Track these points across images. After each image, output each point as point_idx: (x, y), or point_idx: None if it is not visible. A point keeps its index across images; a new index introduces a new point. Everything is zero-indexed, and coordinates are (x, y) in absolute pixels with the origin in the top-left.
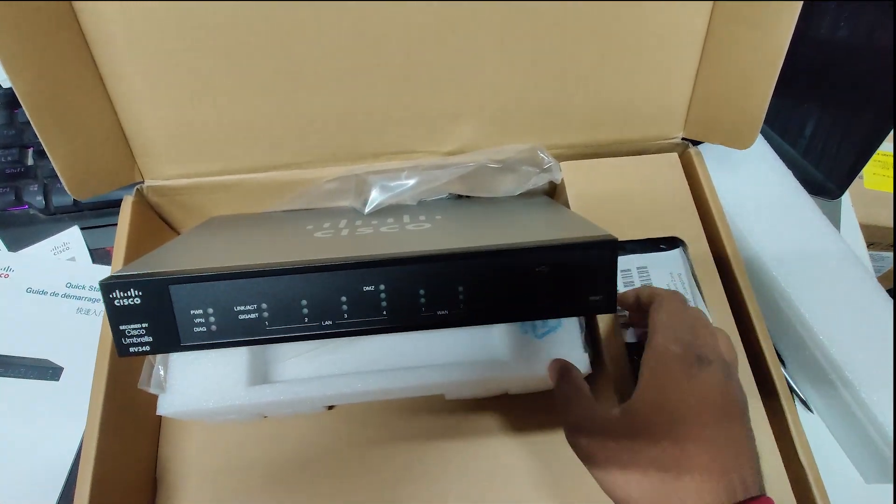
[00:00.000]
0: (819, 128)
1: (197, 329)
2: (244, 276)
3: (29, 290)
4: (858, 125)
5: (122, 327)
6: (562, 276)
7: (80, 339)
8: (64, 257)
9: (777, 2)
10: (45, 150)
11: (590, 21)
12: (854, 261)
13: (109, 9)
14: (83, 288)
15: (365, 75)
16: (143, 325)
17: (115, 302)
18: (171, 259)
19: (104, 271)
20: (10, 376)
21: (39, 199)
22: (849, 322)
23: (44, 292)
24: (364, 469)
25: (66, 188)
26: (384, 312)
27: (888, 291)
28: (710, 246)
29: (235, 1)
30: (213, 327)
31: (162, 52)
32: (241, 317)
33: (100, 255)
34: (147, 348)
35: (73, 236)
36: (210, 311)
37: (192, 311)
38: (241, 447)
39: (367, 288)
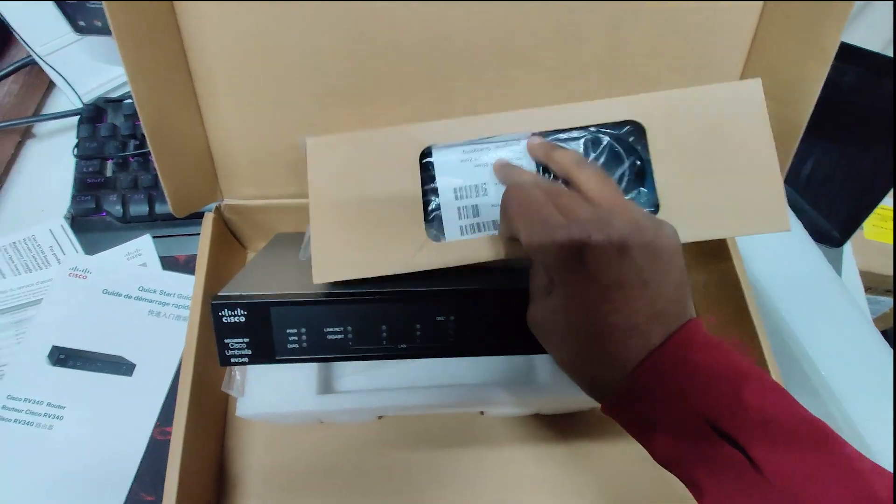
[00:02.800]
0: (827, 181)
1: (290, 345)
2: (335, 302)
3: (105, 292)
4: (862, 181)
5: (226, 340)
6: None
7: (151, 338)
8: (136, 263)
9: (800, 79)
10: (158, 174)
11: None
12: (852, 304)
13: (213, 46)
14: (154, 292)
15: (434, 109)
16: (245, 339)
17: (223, 319)
18: (265, 280)
19: (173, 277)
20: (88, 370)
21: (118, 209)
22: (846, 360)
23: (118, 294)
24: (406, 472)
25: (170, 207)
26: (452, 339)
27: (884, 332)
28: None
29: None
30: (304, 344)
31: (253, 87)
32: (329, 337)
33: (168, 263)
34: (245, 360)
35: (144, 244)
36: (303, 330)
37: (287, 330)
38: (296, 446)
39: (440, 318)
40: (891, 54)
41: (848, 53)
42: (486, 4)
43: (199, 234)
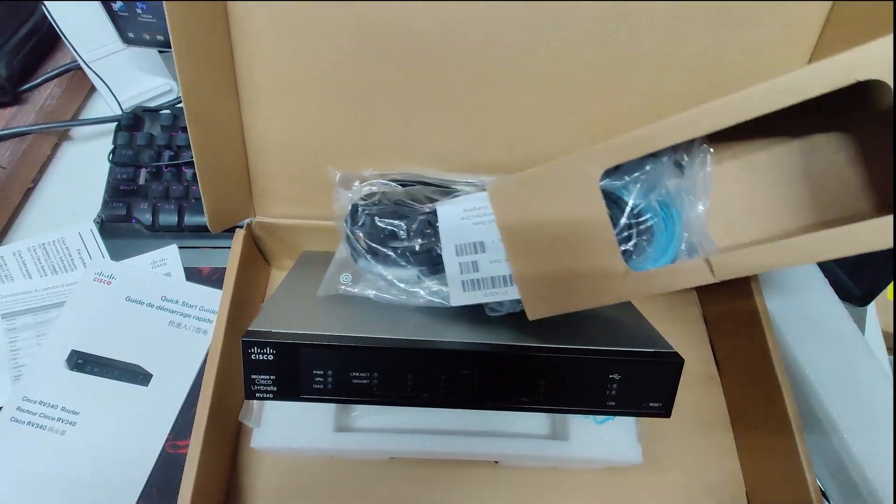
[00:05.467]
0: None
1: (315, 386)
2: (363, 348)
3: (128, 299)
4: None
5: (253, 376)
6: (631, 383)
7: (170, 349)
8: (160, 272)
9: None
10: (200, 191)
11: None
12: (878, 363)
13: (262, 74)
14: (176, 303)
15: (473, 142)
16: (271, 376)
17: (252, 356)
18: (295, 314)
19: (196, 289)
20: (104, 377)
21: (147, 217)
22: (871, 424)
23: (141, 302)
24: None
25: (207, 223)
26: (476, 392)
27: None
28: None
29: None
30: (330, 386)
31: (296, 107)
32: (355, 381)
33: (192, 274)
34: (270, 395)
35: (170, 253)
36: (329, 372)
37: (314, 371)
38: (307, 474)
39: (465, 371)
40: None
41: None
42: (533, 45)
43: (224, 247)
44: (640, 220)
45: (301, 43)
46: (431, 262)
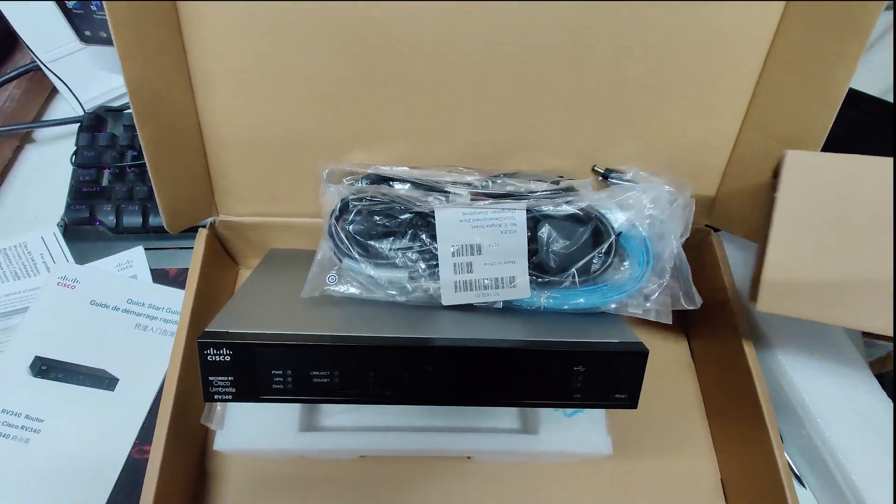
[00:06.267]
0: None
1: (275, 386)
2: (322, 347)
3: (92, 303)
4: None
5: (210, 378)
6: (595, 375)
7: (136, 353)
8: (126, 274)
9: (807, 122)
10: (155, 191)
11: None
12: (852, 350)
13: (218, 69)
14: (142, 305)
15: (435, 149)
16: (230, 378)
17: (209, 357)
18: (254, 313)
19: (162, 291)
20: (69, 383)
21: (111, 219)
22: (845, 410)
23: (106, 306)
24: None
25: (164, 224)
26: (439, 389)
27: (879, 376)
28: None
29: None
30: (290, 385)
31: (255, 104)
32: (315, 380)
33: (159, 275)
34: (229, 397)
35: (136, 255)
36: (289, 372)
37: (273, 371)
38: (276, 476)
39: (428, 368)
40: (890, 99)
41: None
42: (493, 33)
43: (191, 248)
44: (618, 241)
45: (259, 36)
46: (423, 262)
